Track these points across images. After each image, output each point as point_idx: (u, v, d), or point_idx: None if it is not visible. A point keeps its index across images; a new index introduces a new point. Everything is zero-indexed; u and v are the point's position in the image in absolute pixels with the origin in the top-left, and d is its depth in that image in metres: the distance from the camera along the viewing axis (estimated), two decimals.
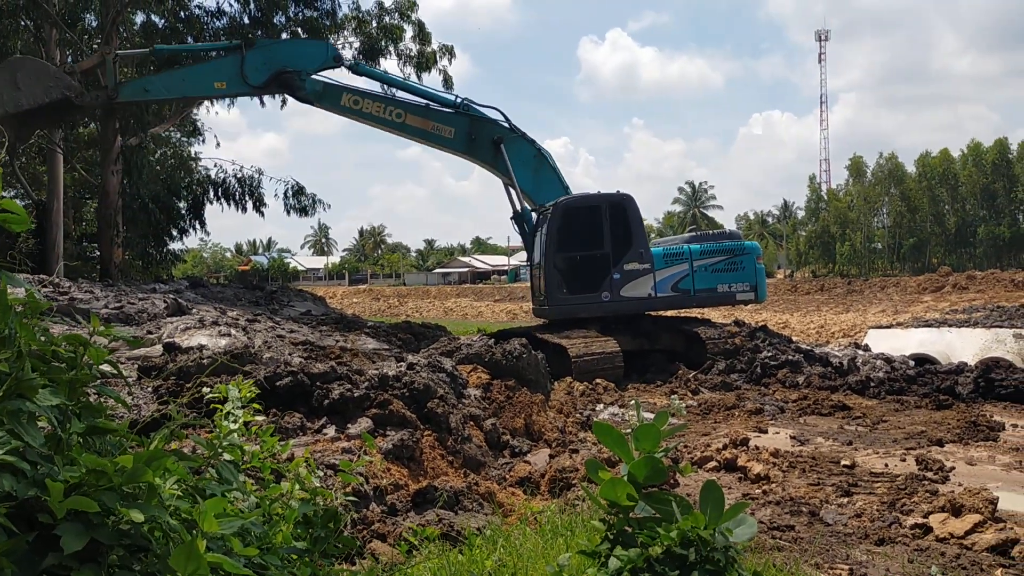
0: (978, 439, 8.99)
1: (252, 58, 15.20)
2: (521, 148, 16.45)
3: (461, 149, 16.40)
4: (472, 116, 16.26)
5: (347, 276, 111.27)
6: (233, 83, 15.25)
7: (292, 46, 17.17)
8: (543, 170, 16.71)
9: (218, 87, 15.64)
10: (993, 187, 70.60)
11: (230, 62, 15.33)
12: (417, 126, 16.11)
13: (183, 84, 15.71)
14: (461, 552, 4.37)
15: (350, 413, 6.60)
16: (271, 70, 15.27)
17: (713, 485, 2.74)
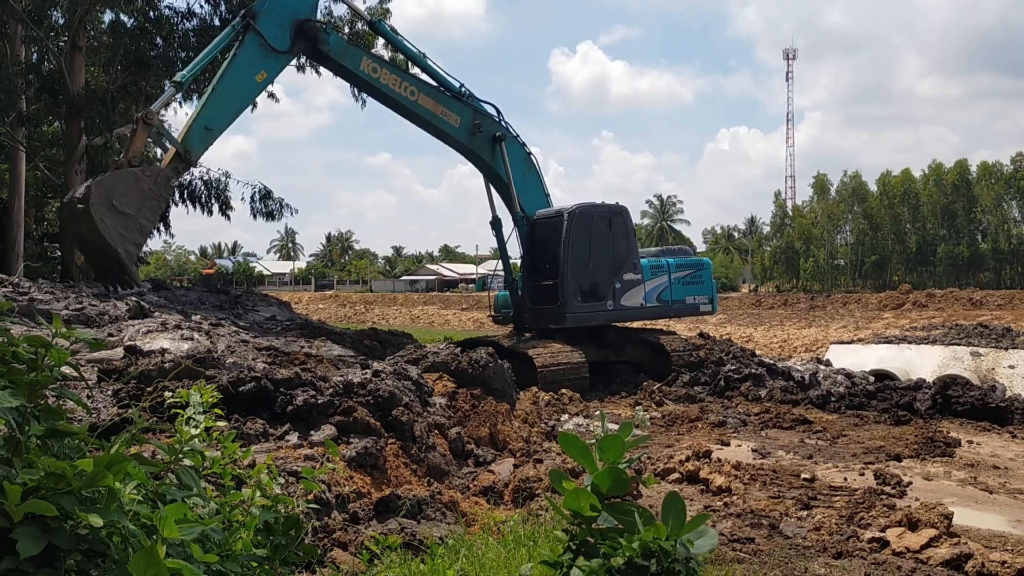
0: (935, 455, 9.15)
1: (266, 25, 13.97)
2: (515, 150, 16.24)
3: (462, 140, 15.76)
4: (477, 108, 15.82)
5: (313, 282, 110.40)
6: (267, 63, 14.14)
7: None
8: (530, 175, 16.58)
9: (260, 79, 14.23)
10: (953, 207, 72.00)
11: (251, 46, 14.00)
12: (427, 107, 15.29)
13: (231, 99, 14.19)
14: (423, 561, 4.36)
15: (314, 420, 6.54)
16: (288, 26, 14.13)
17: (675, 497, 2.76)
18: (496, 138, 15.84)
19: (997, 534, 6.04)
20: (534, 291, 15.93)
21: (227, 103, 14.08)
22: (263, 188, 24.66)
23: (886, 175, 75.84)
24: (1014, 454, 9.36)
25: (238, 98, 14.32)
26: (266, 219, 24.57)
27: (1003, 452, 9.47)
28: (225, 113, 14.10)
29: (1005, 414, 12.15)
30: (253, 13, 13.98)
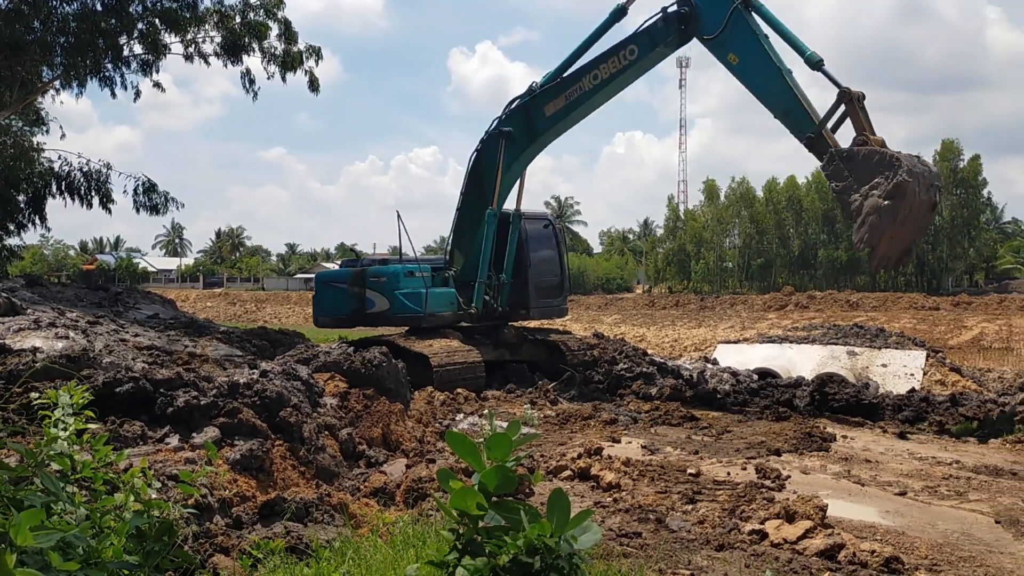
0: (812, 449, 9.56)
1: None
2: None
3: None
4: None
5: (202, 279, 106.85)
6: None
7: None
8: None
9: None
10: (833, 213, 75.50)
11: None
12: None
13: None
14: (308, 565, 4.26)
15: (196, 422, 6.31)
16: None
17: (560, 494, 2.77)
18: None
19: (868, 525, 6.35)
20: (517, 287, 16.19)
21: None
22: (147, 181, 23.74)
23: (772, 182, 78.98)
24: (884, 448, 9.87)
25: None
26: (150, 213, 23.67)
27: (874, 446, 9.98)
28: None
29: (877, 410, 12.80)
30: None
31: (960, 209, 70.95)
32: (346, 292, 15.83)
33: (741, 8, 11.97)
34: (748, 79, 12.32)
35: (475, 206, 15.78)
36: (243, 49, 24.40)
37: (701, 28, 12.55)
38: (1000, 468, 8.56)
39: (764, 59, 12.03)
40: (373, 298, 15.66)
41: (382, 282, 15.60)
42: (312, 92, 25.04)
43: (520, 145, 15.09)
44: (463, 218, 16.06)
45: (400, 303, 15.40)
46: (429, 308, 15.18)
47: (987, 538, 6.05)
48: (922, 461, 9.03)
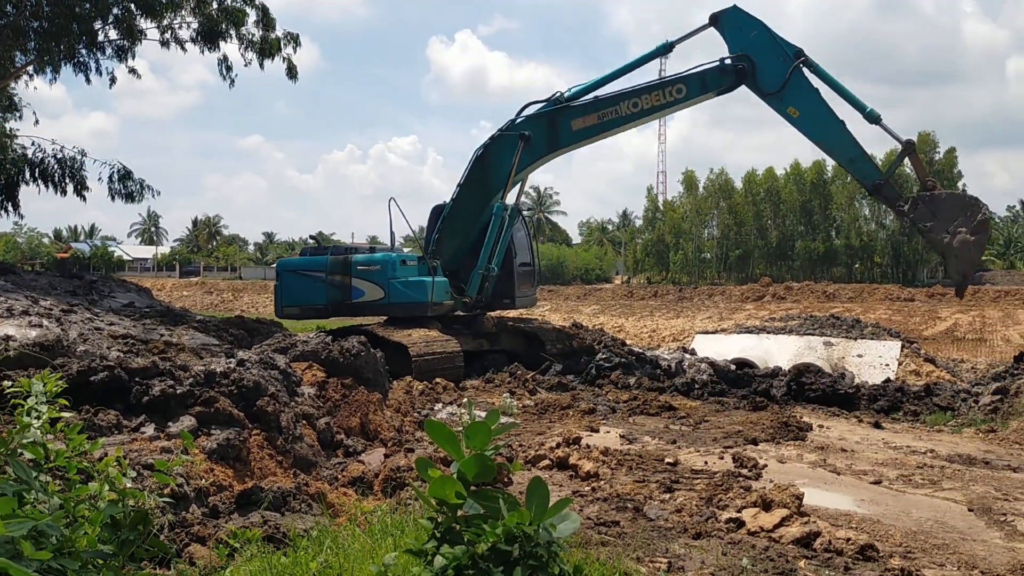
0: (789, 439, 9.64)
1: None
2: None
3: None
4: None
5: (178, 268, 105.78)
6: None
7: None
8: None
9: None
10: (811, 205, 76.00)
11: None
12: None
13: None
14: (285, 554, 4.23)
15: (172, 411, 6.26)
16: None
17: (539, 482, 2.77)
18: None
19: (843, 513, 6.42)
20: (503, 278, 16.32)
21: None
22: (122, 168, 23.45)
23: (751, 173, 79.31)
24: (860, 437, 9.97)
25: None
26: (125, 201, 23.38)
27: (850, 436, 10.07)
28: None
29: (853, 400, 12.93)
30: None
31: None
32: (323, 281, 15.49)
33: (800, 66, 12.60)
34: (809, 130, 13.08)
35: (474, 198, 15.76)
36: (220, 35, 24.13)
37: (760, 83, 13.09)
38: (973, 457, 8.67)
39: (825, 113, 12.82)
40: (362, 287, 15.44)
41: (374, 271, 15.43)
42: (290, 79, 24.85)
43: (539, 151, 15.19)
44: (458, 208, 15.94)
45: (399, 292, 15.29)
46: (435, 297, 15.22)
47: (960, 526, 6.13)
48: (897, 450, 9.13)
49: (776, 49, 13.07)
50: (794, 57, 12.83)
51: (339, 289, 15.54)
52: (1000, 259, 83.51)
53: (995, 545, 5.67)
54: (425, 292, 15.19)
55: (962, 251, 11.88)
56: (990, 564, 5.21)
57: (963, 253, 11.90)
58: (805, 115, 12.97)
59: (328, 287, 15.58)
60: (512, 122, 15.27)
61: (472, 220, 15.95)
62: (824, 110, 12.89)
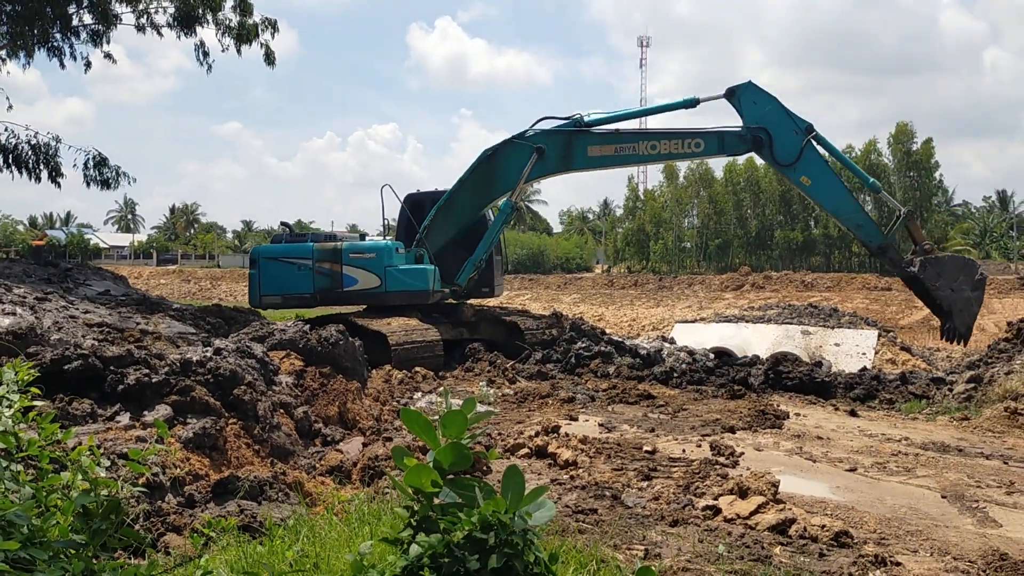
0: (766, 427, 9.71)
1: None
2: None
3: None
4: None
5: (155, 255, 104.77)
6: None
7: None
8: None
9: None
10: (790, 194, 76.42)
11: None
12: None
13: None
14: (261, 543, 4.21)
15: (147, 400, 6.21)
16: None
17: (515, 470, 2.77)
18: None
19: (819, 500, 6.47)
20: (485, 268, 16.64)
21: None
22: (97, 154, 23.13)
23: (732, 163, 79.69)
24: (836, 425, 10.06)
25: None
26: (101, 188, 23.05)
27: (826, 423, 10.16)
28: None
29: (829, 388, 13.05)
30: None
31: (913, 191, 72.24)
32: (309, 269, 15.25)
33: (811, 140, 13.68)
34: (821, 198, 14.37)
35: (474, 195, 15.95)
36: (197, 20, 23.82)
37: (776, 154, 14.05)
38: (947, 445, 8.77)
39: (836, 183, 14.20)
40: (354, 275, 15.30)
41: (369, 258, 15.33)
42: (268, 66, 24.58)
43: (549, 168, 15.62)
44: (456, 202, 15.99)
45: (397, 280, 15.25)
46: (436, 285, 15.42)
47: (933, 513, 6.20)
48: (872, 438, 9.22)
49: (789, 123, 14.02)
50: (805, 132, 13.85)
51: (329, 277, 15.32)
52: (975, 249, 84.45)
53: (967, 531, 5.74)
54: (427, 280, 15.33)
55: (966, 306, 13.23)
56: (962, 550, 5.28)
57: (967, 307, 13.24)
58: (817, 184, 14.03)
59: (316, 275, 15.31)
60: (525, 132, 15.51)
61: (469, 215, 16.20)
62: (834, 180, 14.17)
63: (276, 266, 15.44)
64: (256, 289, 15.51)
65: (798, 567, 4.76)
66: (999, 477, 7.31)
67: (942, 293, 13.23)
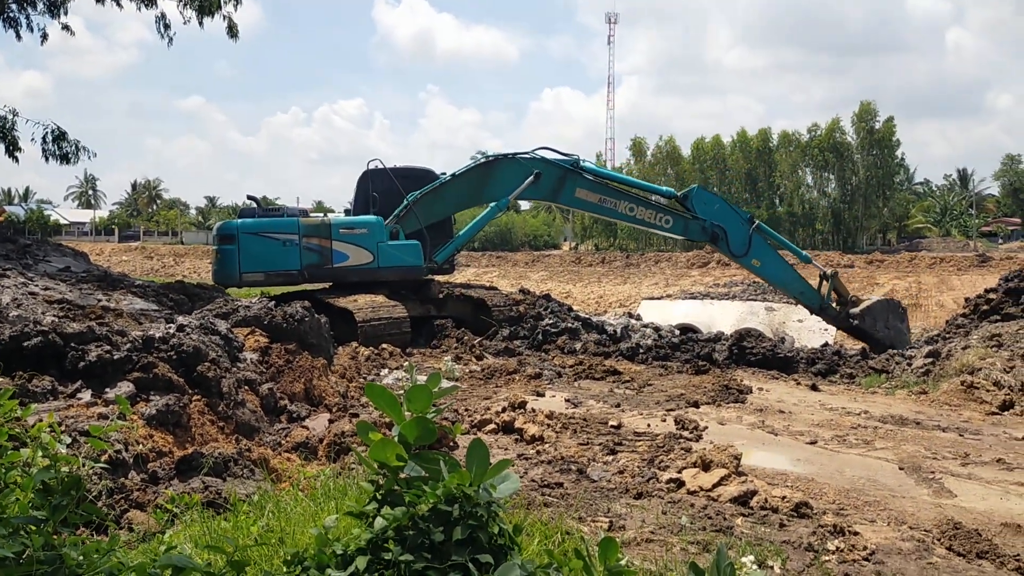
0: (729, 401, 9.84)
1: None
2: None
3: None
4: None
5: (117, 232, 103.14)
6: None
7: None
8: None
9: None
10: (756, 172, 77.06)
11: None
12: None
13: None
14: (226, 519, 4.20)
15: (109, 377, 6.14)
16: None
17: (479, 444, 2.79)
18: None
19: (780, 472, 6.59)
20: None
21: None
22: (56, 128, 22.60)
23: (700, 140, 79.99)
24: (797, 400, 10.23)
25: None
26: (60, 163, 22.52)
27: (788, 398, 10.32)
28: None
29: (791, 363, 13.26)
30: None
31: (875, 169, 73.16)
32: (295, 244, 14.82)
33: (755, 231, 15.52)
34: (769, 275, 16.05)
35: (465, 193, 16.27)
36: None
37: (730, 247, 15.59)
38: (905, 418, 8.96)
39: (780, 261, 15.92)
40: (345, 251, 15.13)
41: (361, 234, 15.20)
42: (231, 38, 24.12)
43: (540, 193, 16.38)
44: (445, 194, 16.06)
45: (391, 255, 15.26)
46: (432, 261, 15.75)
47: (891, 484, 6.35)
48: (832, 411, 9.39)
49: (736, 217, 15.79)
50: (749, 222, 15.64)
51: (317, 253, 15.01)
52: (936, 227, 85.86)
53: (923, 502, 5.88)
54: (419, 256, 15.50)
55: (900, 336, 15.55)
56: (918, 520, 5.41)
57: (900, 336, 15.56)
58: (765, 265, 15.75)
59: (304, 251, 14.90)
60: (526, 154, 16.06)
61: (450, 209, 16.63)
62: (778, 259, 15.93)
63: (258, 242, 14.78)
64: (234, 266, 14.81)
65: (759, 537, 4.86)
66: (955, 449, 7.49)
67: (882, 334, 15.25)
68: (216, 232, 15.66)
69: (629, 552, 4.42)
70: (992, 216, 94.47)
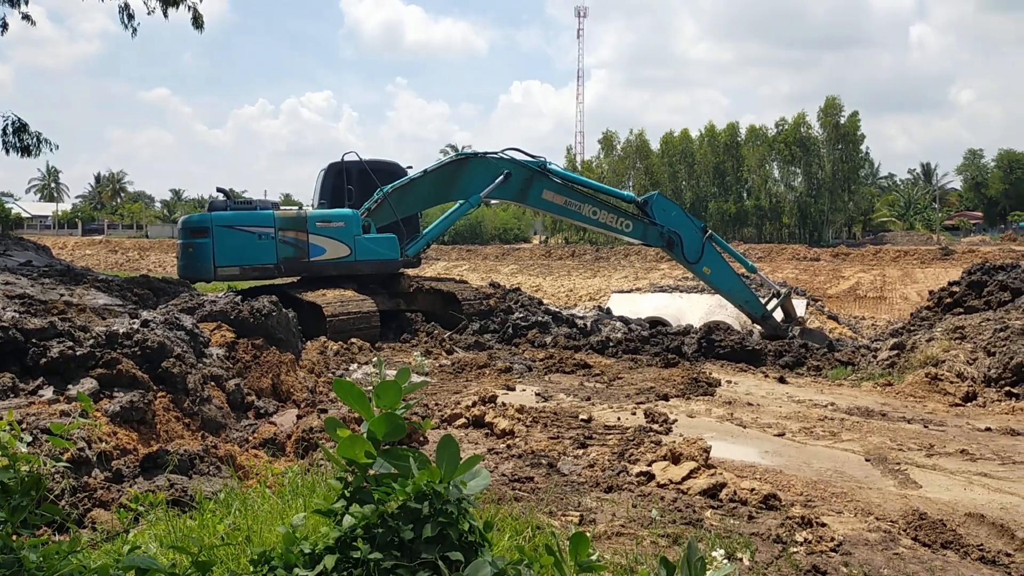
0: (698, 394, 9.90)
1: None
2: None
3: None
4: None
5: (80, 226, 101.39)
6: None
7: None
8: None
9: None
10: (723, 166, 77.57)
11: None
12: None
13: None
14: (192, 517, 4.13)
15: (72, 373, 6.01)
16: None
17: (449, 440, 2.76)
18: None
19: (748, 464, 6.64)
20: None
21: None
22: (17, 120, 22.15)
23: (669, 135, 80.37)
24: (765, 392, 10.31)
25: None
26: (21, 155, 22.10)
27: (756, 390, 10.41)
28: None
29: (759, 356, 13.37)
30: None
31: (841, 164, 73.99)
32: (271, 238, 14.59)
33: (708, 240, 16.21)
34: (718, 283, 16.58)
35: (436, 188, 16.23)
36: None
37: (685, 253, 16.26)
38: (871, 409, 9.07)
39: (729, 271, 16.53)
40: (322, 244, 14.97)
41: (339, 227, 15.06)
42: (196, 29, 23.77)
43: (508, 193, 16.57)
44: (416, 189, 15.99)
45: (368, 249, 15.22)
46: (404, 254, 15.74)
47: (857, 475, 6.41)
48: (800, 404, 9.48)
49: (691, 225, 16.49)
50: (703, 231, 16.39)
51: (293, 247, 14.80)
52: (900, 220, 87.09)
53: (889, 492, 5.95)
54: (396, 249, 15.51)
55: (812, 335, 16.47)
56: (884, 511, 5.47)
57: (813, 336, 16.48)
58: (715, 273, 16.42)
59: (280, 244, 14.66)
60: (495, 153, 16.23)
61: (420, 205, 16.68)
62: (727, 268, 16.58)
63: (233, 235, 14.48)
64: (208, 260, 14.47)
65: (728, 530, 4.88)
66: (920, 440, 7.59)
67: (808, 338, 15.91)
68: (185, 225, 15.29)
69: (599, 546, 4.42)
70: (955, 210, 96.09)
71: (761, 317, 16.47)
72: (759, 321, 16.56)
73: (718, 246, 16.53)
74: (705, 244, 16.20)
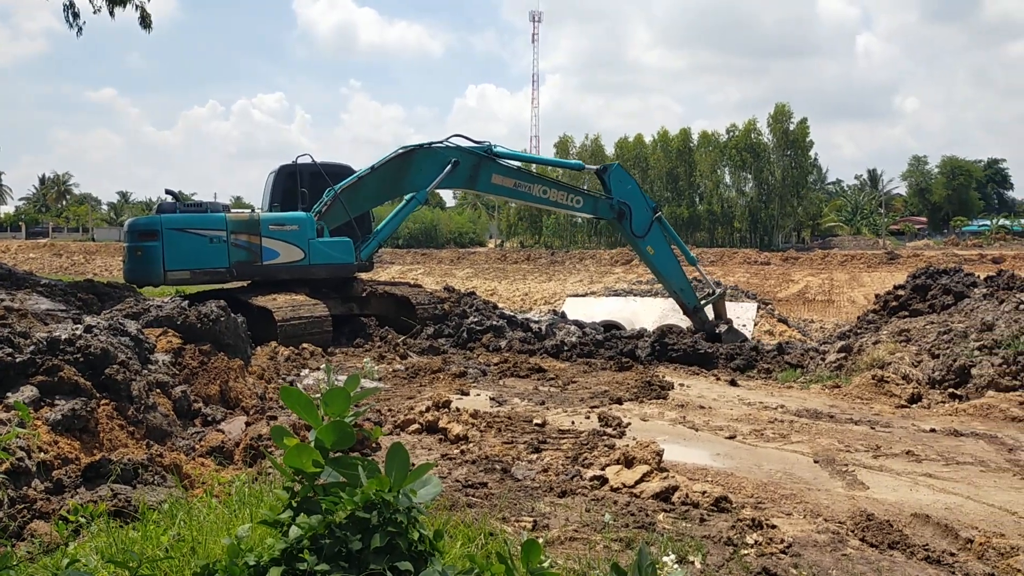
0: (652, 397, 9.96)
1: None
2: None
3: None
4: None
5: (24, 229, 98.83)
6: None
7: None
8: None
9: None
10: (677, 171, 78.45)
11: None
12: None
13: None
14: (135, 528, 4.02)
15: (11, 381, 5.82)
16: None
17: (399, 448, 2.71)
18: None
19: (700, 467, 6.68)
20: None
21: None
22: None
23: (623, 140, 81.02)
24: (717, 395, 10.41)
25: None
26: None
27: (708, 393, 10.50)
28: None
29: (711, 359, 13.51)
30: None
31: (790, 170, 75.32)
32: (223, 241, 14.24)
33: (657, 220, 16.64)
34: (658, 265, 16.81)
35: (383, 185, 16.11)
36: None
37: (632, 226, 16.55)
38: (819, 411, 9.21)
39: (671, 256, 16.84)
40: (275, 248, 14.68)
41: (292, 231, 14.82)
42: (144, 29, 23.36)
43: (458, 181, 16.65)
44: (364, 188, 15.81)
45: (322, 252, 15.03)
46: (359, 258, 15.61)
47: (807, 476, 6.50)
48: (751, 406, 9.58)
49: (643, 201, 16.80)
50: (653, 211, 16.76)
51: (246, 250, 14.45)
52: (847, 225, 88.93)
53: (837, 494, 6.04)
54: (351, 253, 15.42)
55: (736, 335, 16.50)
56: (833, 512, 5.55)
57: (737, 335, 16.60)
58: (658, 254, 16.70)
59: (232, 247, 14.31)
60: (441, 142, 16.14)
61: (371, 203, 16.50)
62: (669, 252, 16.82)
63: (184, 238, 14.05)
64: (157, 264, 13.98)
65: (680, 533, 4.90)
66: (867, 442, 7.72)
67: (730, 337, 16.31)
68: (133, 228, 14.80)
69: (553, 551, 4.40)
70: (900, 215, 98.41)
71: (692, 309, 16.67)
72: (689, 313, 16.75)
73: (665, 232, 16.81)
74: (653, 224, 16.56)
